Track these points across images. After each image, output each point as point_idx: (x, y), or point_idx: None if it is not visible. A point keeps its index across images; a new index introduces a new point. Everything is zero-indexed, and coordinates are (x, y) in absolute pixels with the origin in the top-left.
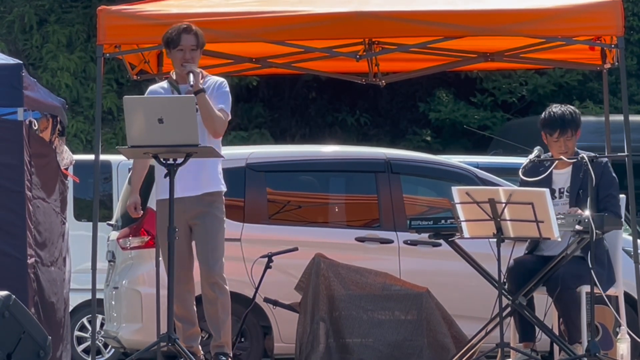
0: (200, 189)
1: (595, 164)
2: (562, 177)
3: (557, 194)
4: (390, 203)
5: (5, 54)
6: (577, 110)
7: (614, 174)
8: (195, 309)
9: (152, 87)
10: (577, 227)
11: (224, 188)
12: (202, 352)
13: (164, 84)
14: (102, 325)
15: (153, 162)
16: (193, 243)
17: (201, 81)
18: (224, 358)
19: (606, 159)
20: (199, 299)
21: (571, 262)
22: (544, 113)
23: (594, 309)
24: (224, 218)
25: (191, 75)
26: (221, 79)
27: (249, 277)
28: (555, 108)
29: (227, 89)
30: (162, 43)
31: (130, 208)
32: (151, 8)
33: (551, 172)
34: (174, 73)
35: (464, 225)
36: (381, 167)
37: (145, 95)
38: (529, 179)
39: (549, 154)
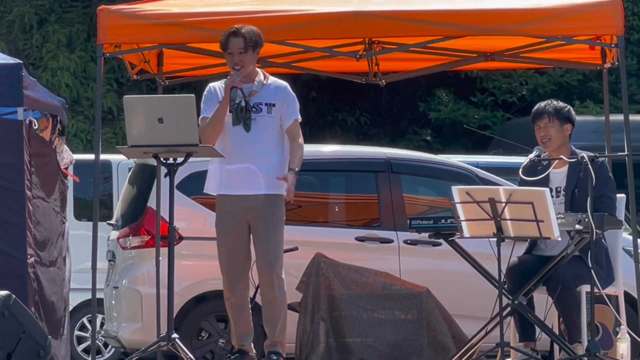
0: (264, 189)
1: (592, 164)
2: (558, 176)
3: (553, 193)
4: (390, 203)
5: (5, 53)
6: (565, 105)
7: (610, 174)
8: (249, 306)
9: (211, 85)
10: (577, 226)
11: (283, 192)
12: (254, 351)
13: (222, 83)
14: (102, 324)
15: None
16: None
17: (264, 81)
18: (275, 357)
19: (602, 159)
20: (200, 298)
21: (571, 261)
22: None
23: (594, 309)
24: (284, 218)
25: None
26: (284, 84)
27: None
28: (542, 102)
29: (293, 93)
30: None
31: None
32: (151, 8)
33: (549, 171)
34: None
35: (464, 224)
36: (381, 167)
37: (205, 93)
38: (528, 179)
39: (548, 153)
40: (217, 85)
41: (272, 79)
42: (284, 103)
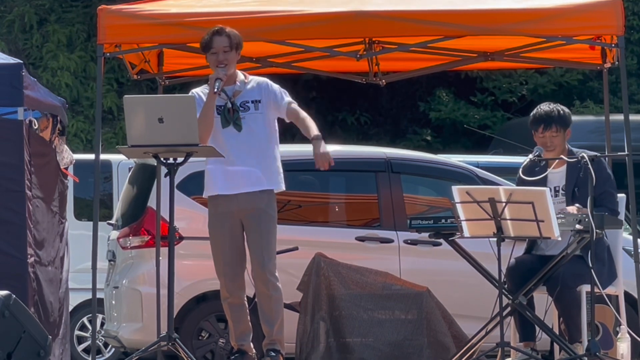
0: (261, 185)
1: (591, 163)
2: (556, 175)
3: (552, 193)
4: (390, 202)
5: (5, 53)
6: (566, 109)
7: (609, 171)
8: (247, 305)
9: (193, 90)
10: (578, 226)
11: (282, 187)
12: (253, 351)
13: (205, 88)
14: (102, 324)
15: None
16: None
17: (245, 80)
18: (273, 354)
19: (600, 157)
20: (200, 298)
21: (571, 261)
22: (533, 111)
23: (594, 308)
24: (276, 217)
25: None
26: (264, 80)
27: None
28: (544, 105)
29: (274, 84)
30: (201, 50)
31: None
32: (151, 7)
33: (548, 171)
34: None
35: (464, 224)
36: (381, 167)
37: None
38: (527, 178)
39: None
40: (200, 90)
41: (251, 77)
42: (270, 95)
